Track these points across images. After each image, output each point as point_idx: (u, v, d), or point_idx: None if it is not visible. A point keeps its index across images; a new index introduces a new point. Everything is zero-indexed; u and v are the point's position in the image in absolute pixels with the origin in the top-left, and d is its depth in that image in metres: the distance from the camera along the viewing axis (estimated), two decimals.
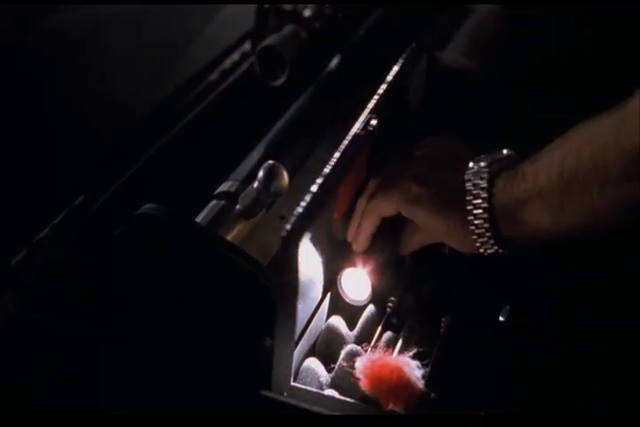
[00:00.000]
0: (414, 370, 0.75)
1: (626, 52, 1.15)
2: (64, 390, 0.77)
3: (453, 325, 0.80)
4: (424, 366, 0.75)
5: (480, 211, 0.74)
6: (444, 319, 0.81)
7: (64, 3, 1.20)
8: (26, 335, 0.76)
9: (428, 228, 0.79)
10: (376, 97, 0.79)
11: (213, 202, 0.81)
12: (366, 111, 0.78)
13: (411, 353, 0.76)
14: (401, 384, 0.74)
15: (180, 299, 0.75)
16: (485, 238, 0.75)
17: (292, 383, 0.74)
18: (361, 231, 0.82)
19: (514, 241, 0.75)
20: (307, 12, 1.02)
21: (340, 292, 0.81)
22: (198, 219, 0.79)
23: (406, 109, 0.88)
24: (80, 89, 1.04)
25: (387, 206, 0.80)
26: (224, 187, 0.82)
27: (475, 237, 0.76)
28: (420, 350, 0.76)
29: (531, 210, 0.73)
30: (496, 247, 0.76)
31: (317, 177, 0.71)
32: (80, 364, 0.76)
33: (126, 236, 0.75)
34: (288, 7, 1.02)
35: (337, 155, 0.73)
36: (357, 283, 0.82)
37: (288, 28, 1.00)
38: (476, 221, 0.75)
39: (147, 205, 0.75)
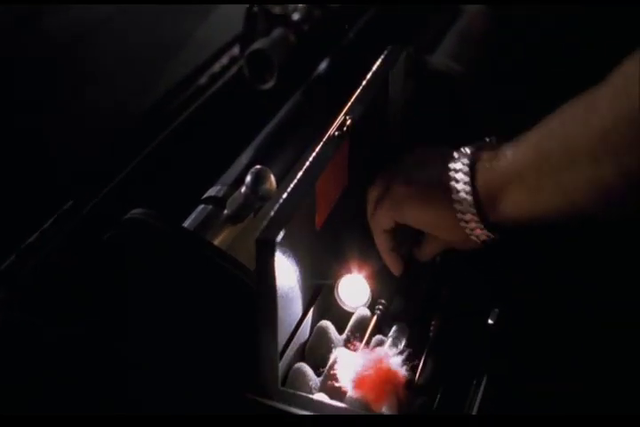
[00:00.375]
0: (392, 358, 0.75)
1: (623, 53, 1.15)
2: (56, 390, 0.77)
3: (443, 328, 0.80)
4: (402, 353, 0.76)
5: (464, 195, 0.76)
6: (433, 322, 0.81)
7: (58, 3, 1.20)
8: (17, 338, 0.77)
9: (420, 225, 0.80)
10: (352, 98, 0.80)
11: (201, 206, 0.81)
12: (342, 112, 0.78)
13: (386, 344, 0.77)
14: (382, 376, 0.74)
15: (168, 303, 0.75)
16: (473, 224, 0.76)
17: (281, 388, 0.74)
18: (381, 252, 0.84)
19: (501, 224, 0.76)
20: (295, 16, 1.02)
21: (338, 301, 0.82)
22: (186, 223, 0.79)
23: (385, 110, 0.88)
24: (70, 93, 1.04)
25: (383, 217, 0.81)
26: (212, 191, 0.82)
27: (463, 223, 0.77)
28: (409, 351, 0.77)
29: (510, 190, 0.74)
30: (485, 231, 0.77)
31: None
32: (69, 365, 0.76)
33: (115, 240, 0.75)
34: (277, 10, 1.02)
35: (312, 156, 0.74)
36: (355, 290, 0.82)
37: (277, 32, 1.00)
38: (461, 208, 0.76)
39: (135, 210, 0.75)
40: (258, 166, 0.78)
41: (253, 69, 0.97)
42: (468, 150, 0.77)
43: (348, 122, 0.77)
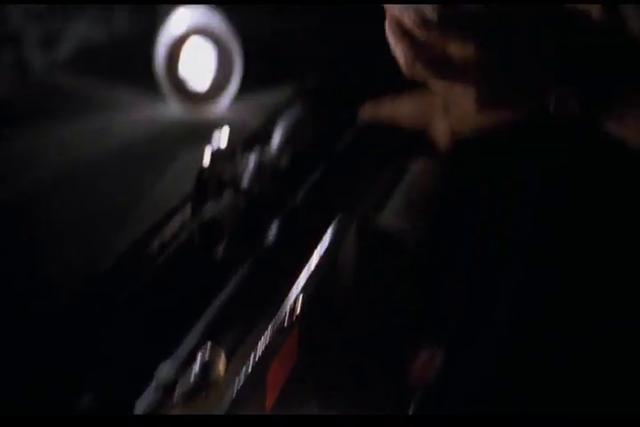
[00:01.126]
0: None
1: None
2: None
3: None
4: None
5: None
6: None
7: None
8: None
9: None
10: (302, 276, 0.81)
11: (152, 386, 0.80)
12: (295, 289, 0.79)
13: None
14: None
15: None
16: None
17: None
18: None
19: None
20: (245, 181, 1.04)
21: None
22: (136, 406, 0.78)
23: (336, 278, 0.89)
24: (15, 259, 1.04)
25: None
26: (162, 371, 0.81)
27: None
28: None
29: None
30: None
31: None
32: None
33: None
34: (226, 176, 1.04)
35: (263, 343, 0.74)
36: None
37: (227, 197, 1.02)
38: None
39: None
40: (208, 345, 0.78)
41: (203, 237, 0.98)
42: None
43: (299, 302, 0.78)
